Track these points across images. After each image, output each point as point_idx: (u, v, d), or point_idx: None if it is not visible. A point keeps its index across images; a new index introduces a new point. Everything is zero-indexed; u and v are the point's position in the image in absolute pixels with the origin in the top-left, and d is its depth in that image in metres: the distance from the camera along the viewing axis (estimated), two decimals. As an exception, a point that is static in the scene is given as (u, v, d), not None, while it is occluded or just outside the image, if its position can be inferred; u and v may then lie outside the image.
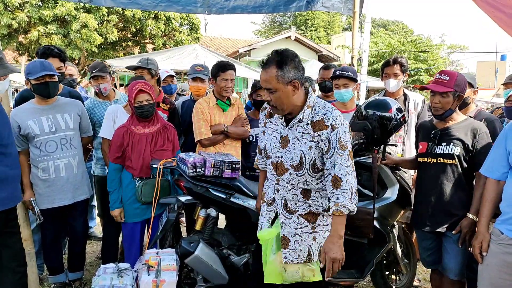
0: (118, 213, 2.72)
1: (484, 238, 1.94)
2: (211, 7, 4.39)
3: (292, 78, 1.82)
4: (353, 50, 4.52)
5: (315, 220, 1.98)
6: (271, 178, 2.06)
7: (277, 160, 1.98)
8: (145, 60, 3.22)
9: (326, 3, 4.55)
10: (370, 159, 2.58)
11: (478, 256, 1.96)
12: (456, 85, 2.22)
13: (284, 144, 1.94)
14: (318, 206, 1.97)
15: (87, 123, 2.97)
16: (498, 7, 2.60)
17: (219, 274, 2.43)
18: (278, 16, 34.46)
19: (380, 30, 25.08)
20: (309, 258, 1.97)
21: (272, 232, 2.00)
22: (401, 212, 2.76)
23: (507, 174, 1.92)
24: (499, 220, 1.93)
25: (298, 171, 1.91)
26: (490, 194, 1.98)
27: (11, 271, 2.23)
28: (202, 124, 2.97)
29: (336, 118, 1.84)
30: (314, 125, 1.87)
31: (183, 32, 16.45)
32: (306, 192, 1.96)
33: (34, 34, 12.80)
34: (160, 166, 2.57)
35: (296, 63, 1.84)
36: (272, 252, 2.00)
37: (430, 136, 2.37)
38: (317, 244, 1.98)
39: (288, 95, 1.84)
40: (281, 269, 1.98)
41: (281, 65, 1.80)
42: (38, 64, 2.59)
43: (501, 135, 1.98)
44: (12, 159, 2.20)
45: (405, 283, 2.94)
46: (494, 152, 1.99)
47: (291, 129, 1.93)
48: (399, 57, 3.12)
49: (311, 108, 1.90)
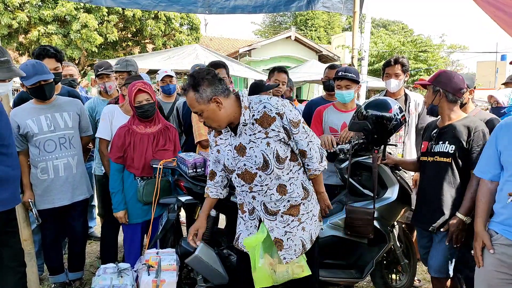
0: (123, 215, 2.70)
1: (484, 237, 1.92)
2: (211, 7, 4.39)
3: (211, 96, 1.83)
4: (353, 50, 4.52)
5: (298, 211, 2.01)
6: (243, 190, 2.05)
7: (242, 170, 1.98)
8: (123, 62, 3.19)
9: (327, 3, 4.55)
10: (370, 159, 2.58)
11: (480, 258, 1.93)
12: (436, 81, 2.29)
13: (242, 152, 1.95)
14: (296, 197, 2.00)
15: (86, 122, 2.96)
16: (498, 6, 2.59)
17: (219, 274, 2.43)
18: (278, 16, 34.46)
19: (380, 30, 25.09)
20: (304, 248, 2.02)
21: (258, 238, 2.00)
22: (401, 212, 2.75)
23: (500, 174, 1.92)
24: (493, 221, 1.92)
25: (266, 170, 1.93)
26: (484, 195, 1.97)
27: (11, 271, 2.24)
28: (201, 126, 2.97)
29: (276, 105, 1.88)
30: (261, 122, 1.89)
31: (183, 32, 16.46)
32: (281, 187, 1.97)
33: (34, 34, 12.79)
34: (160, 166, 2.57)
35: (209, 80, 1.85)
36: (260, 256, 1.99)
37: (431, 135, 2.39)
38: (307, 232, 2.03)
39: (214, 112, 1.86)
40: (271, 271, 1.99)
41: (196, 88, 1.83)
42: (30, 68, 2.55)
43: (492, 136, 1.97)
44: (13, 160, 2.21)
45: (405, 283, 2.94)
46: (486, 153, 1.99)
47: (240, 136, 1.94)
48: (400, 57, 3.12)
49: (249, 108, 1.91)
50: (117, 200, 2.69)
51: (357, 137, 2.68)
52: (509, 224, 1.81)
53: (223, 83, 1.90)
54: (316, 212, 2.10)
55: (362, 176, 2.72)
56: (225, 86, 1.90)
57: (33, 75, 2.54)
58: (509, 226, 1.81)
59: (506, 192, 1.82)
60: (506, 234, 1.82)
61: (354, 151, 2.60)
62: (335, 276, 2.65)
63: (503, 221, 1.84)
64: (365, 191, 2.65)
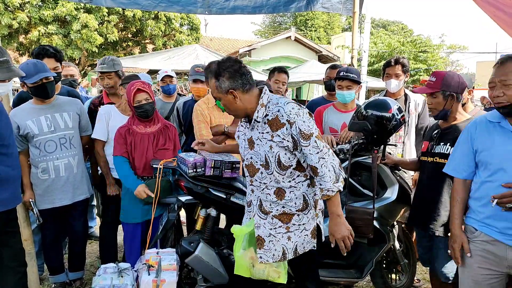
0: (142, 188, 2.60)
1: (464, 240, 1.93)
2: (211, 8, 4.39)
3: (228, 88, 1.88)
4: (353, 50, 4.53)
5: (289, 220, 1.99)
6: (247, 180, 2.11)
7: (248, 162, 2.03)
8: (110, 62, 3.12)
9: (326, 4, 4.56)
10: (369, 159, 2.58)
11: (459, 259, 1.95)
12: (444, 85, 2.21)
13: (251, 146, 1.99)
14: (292, 206, 1.98)
15: (86, 122, 2.96)
16: (498, 6, 2.60)
17: (219, 274, 2.44)
18: (278, 16, 34.46)
19: (380, 30, 25.07)
20: (284, 256, 2.00)
21: (243, 229, 2.06)
22: (401, 212, 2.76)
23: (474, 173, 1.93)
24: (470, 217, 1.93)
25: (267, 169, 1.95)
26: (460, 194, 1.97)
27: (12, 271, 2.24)
28: (202, 126, 2.98)
29: (290, 112, 1.84)
30: (271, 124, 1.89)
31: (183, 32, 16.47)
32: (280, 191, 1.97)
33: (34, 34, 12.81)
34: (160, 166, 2.57)
35: (231, 73, 1.87)
36: (242, 247, 2.05)
37: (432, 136, 2.38)
38: (292, 243, 2.00)
39: (231, 103, 1.92)
40: (250, 265, 2.04)
41: (217, 77, 1.89)
42: (31, 67, 2.56)
43: (464, 134, 1.98)
44: (14, 160, 2.21)
45: (405, 283, 2.95)
46: (459, 152, 1.99)
47: (253, 130, 1.98)
48: (400, 58, 3.12)
49: (265, 107, 1.92)
50: (131, 181, 2.64)
51: (357, 137, 2.68)
52: (489, 223, 1.83)
53: (245, 78, 1.90)
54: (309, 227, 2.01)
55: (362, 176, 2.72)
56: (247, 80, 1.91)
57: (35, 73, 2.54)
58: (488, 224, 1.83)
59: (485, 192, 1.83)
60: (486, 231, 1.83)
61: (354, 151, 2.61)
62: (335, 276, 2.65)
63: (482, 219, 1.85)
64: (365, 191, 2.66)
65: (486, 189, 1.83)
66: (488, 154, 1.83)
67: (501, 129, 1.82)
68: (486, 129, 1.88)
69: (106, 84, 3.17)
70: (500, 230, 1.79)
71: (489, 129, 1.87)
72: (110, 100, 3.21)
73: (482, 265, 1.86)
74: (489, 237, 1.82)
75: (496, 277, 1.85)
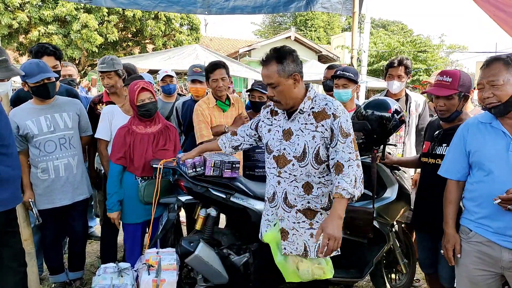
0: (116, 216, 2.69)
1: (456, 241, 1.94)
2: (211, 8, 4.40)
3: (292, 71, 1.91)
4: (352, 51, 4.53)
5: (313, 216, 2.01)
6: (271, 172, 2.10)
7: (279, 153, 2.03)
8: (109, 61, 3.10)
9: (325, 4, 4.57)
10: (369, 159, 2.58)
11: (452, 259, 1.96)
12: (461, 85, 2.12)
13: (287, 137, 2.01)
14: (317, 203, 1.99)
15: (86, 122, 2.96)
16: (498, 6, 2.60)
17: (219, 274, 2.44)
18: (278, 16, 34.46)
19: (380, 30, 25.07)
20: (305, 253, 2.01)
21: (275, 235, 2.06)
22: (400, 211, 2.76)
23: (467, 174, 1.93)
24: (465, 218, 1.93)
25: (301, 161, 1.95)
26: (453, 195, 1.98)
27: (12, 271, 2.24)
28: (202, 126, 2.97)
29: (337, 107, 1.92)
30: (316, 115, 1.94)
31: (183, 32, 16.46)
32: (308, 186, 1.98)
33: (34, 34, 12.81)
34: (160, 166, 2.58)
35: (294, 57, 1.93)
36: (279, 253, 2.05)
37: (433, 136, 2.32)
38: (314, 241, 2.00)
39: (289, 88, 1.93)
40: (295, 268, 2.02)
41: (280, 60, 1.90)
42: (34, 67, 2.57)
43: (457, 136, 1.98)
44: (14, 160, 2.21)
45: (405, 283, 2.95)
46: (452, 153, 1.99)
47: (293, 121, 2.00)
48: (404, 59, 3.10)
49: (312, 100, 1.97)
50: (113, 201, 2.67)
51: (357, 137, 2.68)
52: (484, 223, 1.83)
53: (302, 65, 1.97)
54: None
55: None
56: (302, 69, 1.97)
57: (38, 73, 2.55)
58: (483, 225, 1.83)
59: (480, 193, 1.83)
60: (481, 232, 1.84)
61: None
62: (335, 276, 2.64)
63: (477, 219, 1.86)
64: (365, 191, 2.65)
65: (480, 189, 1.84)
66: (481, 154, 1.84)
67: (493, 129, 1.83)
68: (478, 130, 1.88)
69: (107, 83, 3.16)
70: (495, 230, 1.79)
71: (480, 130, 1.87)
72: (110, 99, 3.21)
73: (478, 266, 1.86)
74: (483, 238, 1.83)
75: (492, 277, 1.85)
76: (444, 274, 2.26)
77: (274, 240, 2.07)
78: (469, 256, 1.89)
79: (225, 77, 3.02)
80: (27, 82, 2.57)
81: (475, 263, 1.87)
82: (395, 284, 2.98)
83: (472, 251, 1.88)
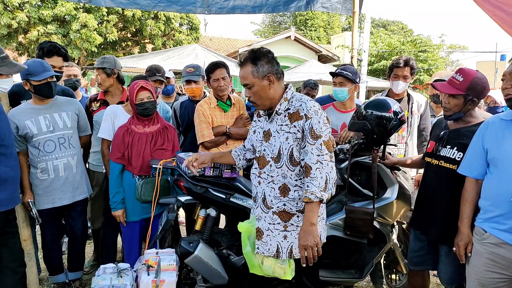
0: (121, 213, 2.70)
1: (470, 240, 1.94)
2: (211, 7, 4.39)
3: (267, 72, 1.94)
4: (352, 50, 4.53)
5: (288, 219, 2.00)
6: (253, 173, 2.12)
7: (260, 154, 2.06)
8: (100, 59, 3.17)
9: (326, 4, 4.56)
10: (369, 159, 2.58)
11: (463, 257, 1.96)
12: (469, 89, 2.03)
13: (267, 138, 2.04)
14: (293, 206, 1.99)
15: (84, 121, 2.96)
16: (498, 5, 2.60)
17: (218, 274, 2.43)
18: (277, 16, 34.47)
19: (380, 30, 25.06)
20: (277, 254, 2.01)
21: (249, 226, 2.10)
22: (400, 212, 2.75)
23: (485, 173, 1.92)
24: (480, 218, 1.92)
25: (277, 162, 1.97)
26: (470, 193, 1.97)
27: (11, 271, 2.24)
28: (204, 127, 2.97)
29: (310, 108, 1.91)
30: (291, 116, 1.95)
31: (182, 32, 16.46)
32: (285, 188, 1.99)
33: (33, 34, 12.79)
34: (160, 166, 2.57)
35: (269, 58, 1.97)
36: (249, 244, 2.09)
37: (439, 135, 2.26)
38: (287, 243, 2.00)
39: (264, 89, 1.96)
40: (259, 262, 2.06)
41: (255, 61, 1.94)
42: (39, 65, 2.59)
43: (477, 134, 1.97)
44: (13, 160, 2.21)
45: (405, 283, 2.94)
46: (471, 151, 1.98)
47: (271, 122, 2.03)
48: (410, 60, 3.06)
49: (288, 101, 1.99)
50: (117, 200, 2.70)
51: (357, 137, 2.68)
52: (498, 221, 1.81)
53: (279, 66, 2.00)
54: None
55: (362, 176, 2.71)
56: (281, 70, 2.01)
57: (43, 71, 2.57)
58: (497, 224, 1.81)
59: (496, 191, 1.82)
60: (495, 233, 1.82)
61: (354, 151, 2.60)
62: (335, 276, 2.65)
63: (492, 218, 1.84)
64: (365, 191, 2.65)
65: (496, 188, 1.82)
66: (498, 151, 1.82)
67: None
68: (498, 127, 1.86)
69: (96, 80, 3.22)
70: (509, 229, 1.77)
71: (502, 127, 1.86)
72: (104, 97, 3.24)
73: (490, 268, 1.84)
74: (498, 240, 1.81)
75: (504, 281, 1.83)
76: (444, 275, 2.24)
77: (248, 231, 2.09)
78: (481, 257, 1.88)
79: (226, 76, 3.02)
80: (30, 80, 2.57)
81: (487, 265, 1.85)
82: (395, 284, 2.98)
83: (484, 253, 1.86)
